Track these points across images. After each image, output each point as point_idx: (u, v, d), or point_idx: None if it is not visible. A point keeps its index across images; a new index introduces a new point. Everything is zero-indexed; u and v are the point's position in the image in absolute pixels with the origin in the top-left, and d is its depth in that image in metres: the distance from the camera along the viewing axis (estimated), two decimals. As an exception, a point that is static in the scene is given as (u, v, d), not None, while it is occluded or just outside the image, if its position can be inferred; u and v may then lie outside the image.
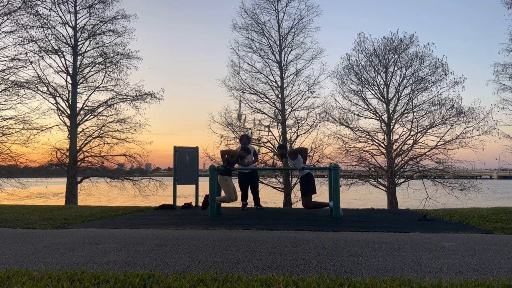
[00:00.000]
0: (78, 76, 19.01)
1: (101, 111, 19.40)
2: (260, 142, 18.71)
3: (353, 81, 18.50)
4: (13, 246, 4.05)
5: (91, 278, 2.58)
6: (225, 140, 18.63)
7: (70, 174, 18.32)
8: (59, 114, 18.68)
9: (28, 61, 17.76)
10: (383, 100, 18.24)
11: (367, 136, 18.08)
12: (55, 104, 18.58)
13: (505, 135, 16.73)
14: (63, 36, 18.88)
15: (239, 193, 8.14)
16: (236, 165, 8.01)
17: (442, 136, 16.99)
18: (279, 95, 19.33)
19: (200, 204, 9.17)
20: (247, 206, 8.57)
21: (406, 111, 17.75)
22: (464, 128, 16.59)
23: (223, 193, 7.68)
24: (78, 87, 19.06)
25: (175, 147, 9.05)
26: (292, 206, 17.43)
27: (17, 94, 17.79)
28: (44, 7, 18.46)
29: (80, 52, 19.15)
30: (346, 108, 18.36)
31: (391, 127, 17.89)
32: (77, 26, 19.16)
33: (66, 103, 18.78)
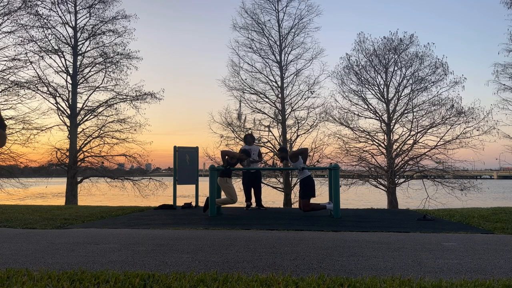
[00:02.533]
0: (78, 76, 19.02)
1: (101, 111, 19.41)
2: (260, 142, 18.73)
3: (353, 81, 18.53)
4: (13, 246, 4.05)
5: (91, 278, 2.58)
6: (225, 140, 18.66)
7: (70, 174, 18.32)
8: (59, 114, 18.71)
9: (28, 61, 17.77)
10: (383, 100, 18.25)
11: (367, 136, 18.09)
12: (55, 104, 18.60)
13: (505, 135, 16.75)
14: (63, 36, 18.90)
15: (239, 194, 8.14)
16: (239, 165, 8.00)
17: (442, 136, 17.00)
18: (279, 95, 19.34)
19: (200, 204, 9.17)
20: (251, 206, 8.54)
21: (406, 111, 17.76)
22: (464, 128, 16.62)
23: (223, 195, 7.67)
24: (78, 87, 19.06)
25: (175, 147, 9.05)
26: (292, 206, 17.44)
27: (17, 94, 17.81)
28: (44, 7, 18.49)
29: (80, 52, 19.15)
30: (346, 108, 18.39)
31: (391, 127, 17.90)
32: (77, 26, 19.16)
33: (66, 103, 18.79)
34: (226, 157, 7.53)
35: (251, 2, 27.42)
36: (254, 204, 8.58)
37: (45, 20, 18.35)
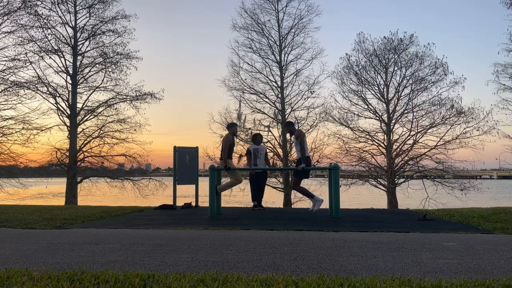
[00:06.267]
0: (78, 76, 19.01)
1: (101, 111, 19.42)
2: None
3: (353, 81, 18.52)
4: (13, 246, 4.05)
5: (91, 278, 2.58)
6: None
7: (70, 174, 18.32)
8: (59, 114, 18.71)
9: (28, 61, 17.77)
10: (383, 100, 18.24)
11: (367, 136, 18.08)
12: (55, 104, 18.60)
13: (505, 135, 16.74)
14: (63, 36, 18.89)
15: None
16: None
17: (442, 136, 17.00)
18: (279, 95, 19.33)
19: (200, 204, 9.17)
20: (257, 208, 8.49)
21: (406, 111, 17.76)
22: (464, 128, 16.62)
23: (223, 181, 7.77)
24: (78, 87, 19.06)
25: (175, 147, 9.05)
26: (292, 206, 17.43)
27: (17, 94, 17.80)
28: (44, 7, 18.48)
29: (80, 52, 19.15)
30: (346, 108, 18.39)
31: (391, 127, 17.89)
32: (77, 26, 19.16)
33: (66, 103, 18.79)
34: (227, 148, 7.64)
35: (250, 2, 27.43)
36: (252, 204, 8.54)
37: (45, 20, 18.36)
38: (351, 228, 5.45)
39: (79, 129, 18.98)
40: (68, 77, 18.90)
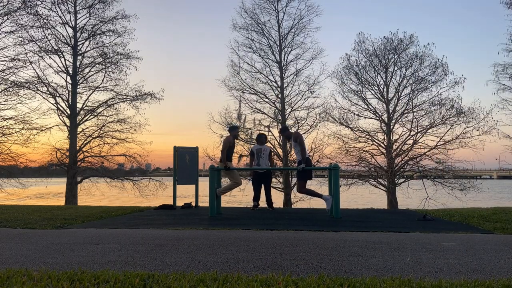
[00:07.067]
0: (78, 76, 19.02)
1: (101, 111, 19.43)
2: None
3: (353, 81, 18.52)
4: (13, 246, 4.05)
5: (91, 278, 2.58)
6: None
7: (70, 174, 18.32)
8: (59, 114, 18.72)
9: (28, 61, 17.78)
10: (383, 100, 18.24)
11: (367, 136, 18.09)
12: (55, 104, 18.62)
13: (505, 135, 16.75)
14: (63, 36, 18.90)
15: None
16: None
17: (442, 136, 17.01)
18: (279, 95, 19.33)
19: (200, 204, 9.18)
20: (259, 207, 8.46)
21: (406, 111, 17.76)
22: (464, 128, 16.62)
23: (223, 183, 7.75)
24: (78, 87, 19.07)
25: (175, 147, 9.05)
26: (292, 206, 17.43)
27: (17, 94, 17.81)
28: (44, 7, 18.49)
29: (80, 52, 19.16)
30: (346, 108, 18.39)
31: (391, 127, 17.89)
32: (77, 26, 19.17)
33: (66, 103, 18.80)
34: (226, 150, 7.61)
35: (250, 2, 27.42)
36: (264, 205, 8.48)
37: (45, 20, 18.37)
38: (351, 228, 5.45)
39: (79, 129, 19.00)
40: (68, 77, 18.92)
